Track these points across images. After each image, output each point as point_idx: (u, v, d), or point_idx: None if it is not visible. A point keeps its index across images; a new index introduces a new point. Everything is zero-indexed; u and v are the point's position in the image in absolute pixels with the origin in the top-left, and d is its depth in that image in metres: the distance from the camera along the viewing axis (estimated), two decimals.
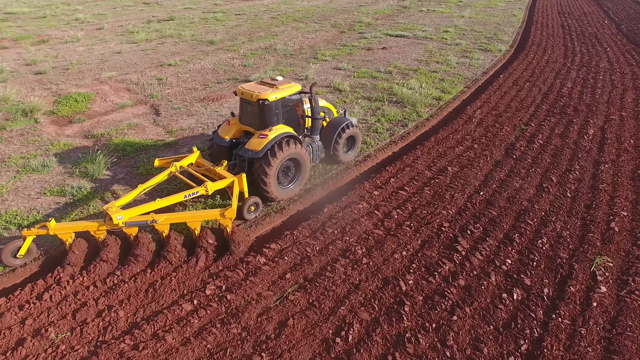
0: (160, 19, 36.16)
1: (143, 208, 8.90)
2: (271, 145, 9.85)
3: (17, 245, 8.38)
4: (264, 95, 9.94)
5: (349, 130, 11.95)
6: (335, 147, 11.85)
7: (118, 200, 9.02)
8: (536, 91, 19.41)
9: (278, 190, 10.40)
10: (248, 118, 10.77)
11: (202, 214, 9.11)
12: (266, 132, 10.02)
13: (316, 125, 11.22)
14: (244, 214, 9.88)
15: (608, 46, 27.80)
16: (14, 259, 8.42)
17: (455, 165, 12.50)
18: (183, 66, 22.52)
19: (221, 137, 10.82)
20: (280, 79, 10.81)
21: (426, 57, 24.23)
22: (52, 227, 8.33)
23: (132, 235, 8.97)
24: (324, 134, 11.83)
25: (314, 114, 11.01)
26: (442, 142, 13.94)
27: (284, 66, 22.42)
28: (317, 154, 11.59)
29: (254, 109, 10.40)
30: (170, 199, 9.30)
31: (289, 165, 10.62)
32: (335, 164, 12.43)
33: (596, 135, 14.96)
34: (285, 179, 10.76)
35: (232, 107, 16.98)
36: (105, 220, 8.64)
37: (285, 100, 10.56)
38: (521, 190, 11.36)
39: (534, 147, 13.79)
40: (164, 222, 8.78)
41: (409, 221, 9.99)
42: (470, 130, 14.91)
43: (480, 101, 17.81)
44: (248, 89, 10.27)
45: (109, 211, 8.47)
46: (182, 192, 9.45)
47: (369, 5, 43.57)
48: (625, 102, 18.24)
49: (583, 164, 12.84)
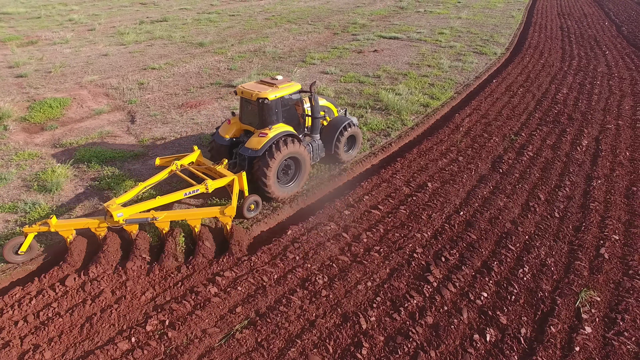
0: (153, 20, 35.34)
1: (143, 205, 8.85)
2: (271, 144, 9.78)
3: (19, 241, 8.36)
4: (263, 94, 9.87)
5: (349, 129, 11.86)
6: (337, 147, 11.73)
7: (119, 198, 8.98)
8: (530, 97, 18.36)
9: (278, 189, 10.31)
10: (248, 117, 10.70)
11: (202, 211, 9.03)
12: (266, 131, 9.94)
13: (316, 124, 11.14)
14: (243, 213, 9.76)
15: (607, 49, 26.62)
16: (16, 255, 8.41)
17: (437, 181, 11.53)
18: (167, 70, 21.65)
19: (221, 136, 10.74)
20: (280, 78, 10.65)
21: (418, 61, 23.20)
22: (54, 224, 8.29)
23: (133, 233, 8.85)
24: (325, 133, 11.73)
25: (314, 113, 10.92)
26: (424, 154, 12.95)
27: (270, 70, 21.48)
28: (317, 153, 11.46)
29: (253, 108, 10.32)
30: (170, 196, 9.22)
31: (289, 164, 10.54)
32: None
33: (590, 146, 13.92)
34: (285, 178, 10.68)
35: (210, 115, 16.10)
36: (105, 218, 8.56)
37: (285, 99, 10.47)
38: (505, 209, 10.38)
39: (522, 160, 12.78)
40: (164, 219, 8.76)
41: (379, 246, 9.04)
42: (456, 141, 13.92)
43: (469, 108, 16.79)
44: (248, 88, 10.21)
45: (110, 208, 8.41)
46: (183, 190, 9.39)
47: (365, 6, 42.49)
48: (623, 109, 17.15)
49: (574, 179, 11.82)
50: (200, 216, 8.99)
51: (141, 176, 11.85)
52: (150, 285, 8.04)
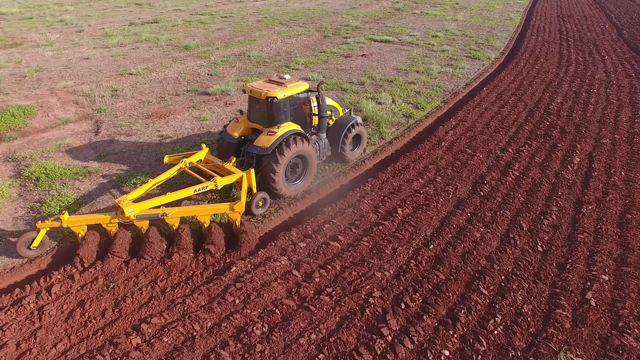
0: (144, 22, 34.17)
1: (154, 202, 8.79)
2: (280, 142, 9.74)
3: (31, 237, 8.39)
4: (272, 93, 9.81)
5: (355, 128, 11.80)
6: (343, 146, 11.71)
7: (129, 194, 8.88)
8: (521, 107, 16.97)
9: (286, 187, 10.26)
10: (256, 116, 10.61)
11: (211, 207, 9.03)
12: (275, 130, 9.89)
13: (323, 123, 11.13)
14: (252, 209, 9.73)
15: (606, 54, 25.08)
16: (28, 250, 8.44)
17: (408, 206, 10.24)
18: (145, 75, 20.45)
19: (230, 134, 10.66)
20: (288, 78, 10.56)
21: (407, 66, 21.83)
22: (66, 219, 8.27)
23: (143, 229, 8.82)
24: (331, 132, 11.71)
25: (321, 112, 10.90)
26: (399, 174, 11.65)
27: (251, 76, 20.24)
28: (323, 151, 11.45)
29: (262, 106, 10.24)
30: (180, 193, 9.19)
31: (297, 162, 10.50)
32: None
33: (582, 164, 12.55)
34: (293, 176, 10.62)
35: (177, 126, 14.89)
36: (117, 213, 8.53)
37: (293, 99, 10.41)
38: (482, 242, 9.08)
39: (507, 181, 11.45)
40: (175, 215, 8.72)
41: (332, 287, 7.80)
42: (436, 158, 12.60)
43: (455, 119, 15.44)
44: (257, 87, 10.13)
45: (121, 204, 8.37)
46: (192, 187, 9.33)
47: (361, 7, 41.05)
48: (620, 121, 15.73)
49: (562, 205, 10.49)
50: (210, 212, 8.95)
51: (89, 198, 10.70)
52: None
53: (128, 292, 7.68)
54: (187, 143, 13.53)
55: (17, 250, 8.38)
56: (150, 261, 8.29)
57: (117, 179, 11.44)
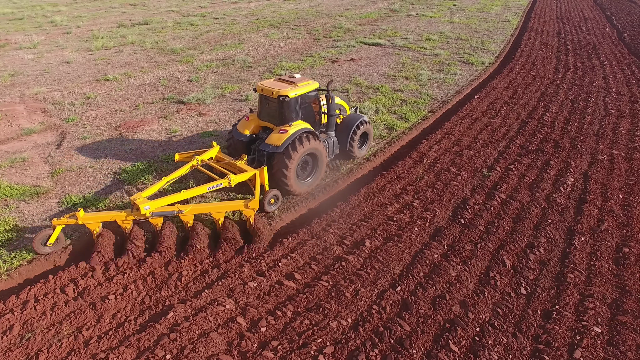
0: (135, 23, 32.99)
1: (169, 199, 8.73)
2: (291, 140, 9.73)
3: (47, 234, 8.36)
4: (284, 92, 9.80)
5: (363, 126, 11.81)
6: (351, 143, 11.72)
7: (144, 192, 8.81)
8: (513, 118, 15.69)
9: (297, 184, 10.25)
10: (267, 114, 10.58)
11: (226, 205, 9.02)
12: (286, 128, 9.90)
13: (332, 121, 11.15)
14: (264, 207, 9.67)
15: (606, 59, 23.68)
16: (44, 247, 8.41)
17: (379, 237, 9.03)
18: (123, 81, 19.29)
19: (240, 132, 10.62)
20: (298, 77, 10.49)
21: (396, 72, 20.56)
22: (81, 216, 8.24)
23: (158, 226, 8.81)
24: (340, 130, 11.72)
25: (330, 111, 10.90)
26: (373, 197, 10.44)
27: (232, 82, 19.06)
28: (332, 149, 11.43)
29: (273, 105, 10.21)
30: (194, 190, 9.17)
31: (307, 160, 10.49)
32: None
33: (576, 185, 11.30)
34: (303, 173, 10.59)
35: (145, 139, 13.73)
36: (132, 211, 8.49)
37: (304, 97, 10.38)
38: (457, 283, 7.88)
39: (492, 206, 10.22)
40: (190, 212, 8.71)
41: (279, 339, 6.62)
42: (416, 177, 11.38)
43: (441, 132, 14.19)
44: (268, 86, 10.10)
45: (137, 201, 8.33)
46: (206, 184, 9.27)
47: (356, 8, 39.69)
48: (619, 134, 14.43)
49: (552, 235, 9.26)
50: (224, 209, 8.97)
51: (33, 221, 9.60)
52: None
53: None
54: (149, 159, 12.38)
55: (34, 247, 8.32)
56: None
57: (67, 202, 10.31)
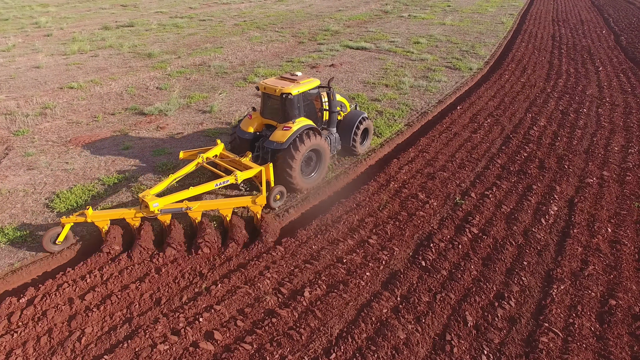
0: (120, 25, 31.55)
1: (177, 196, 8.69)
2: (295, 137, 9.68)
3: (57, 232, 8.27)
4: (287, 90, 9.74)
5: (364, 123, 11.82)
6: (354, 139, 11.70)
7: (153, 189, 8.77)
8: (497, 132, 14.13)
9: (302, 180, 10.19)
10: (270, 112, 10.51)
11: (234, 201, 9.04)
12: (290, 125, 9.85)
13: (333, 118, 11.14)
14: (270, 203, 9.58)
15: (601, 64, 21.97)
16: (54, 245, 8.31)
17: (322, 284, 7.57)
18: (88, 89, 17.87)
19: (244, 130, 10.54)
20: (299, 74, 10.44)
21: (377, 78, 19.01)
22: (90, 214, 8.19)
23: (166, 223, 8.76)
24: (342, 127, 11.72)
25: (331, 108, 10.89)
26: (324, 231, 8.96)
27: (202, 90, 17.61)
28: (334, 145, 11.41)
29: (276, 102, 10.18)
30: (202, 187, 9.05)
31: (311, 157, 10.45)
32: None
33: (560, 216, 9.77)
34: (307, 169, 10.53)
35: (90, 158, 12.32)
36: (141, 208, 8.46)
37: (306, 94, 10.33)
38: (405, 348, 6.40)
39: (460, 243, 8.73)
40: (198, 209, 8.69)
41: None
42: (378, 206, 9.90)
43: (415, 149, 12.68)
44: (271, 84, 10.06)
45: (146, 198, 8.28)
46: (213, 181, 9.24)
47: (347, 10, 37.99)
48: (611, 152, 12.86)
49: (526, 282, 7.77)
50: (232, 205, 8.93)
51: None
52: None
53: None
54: (90, 180, 10.98)
55: (43, 245, 8.20)
56: None
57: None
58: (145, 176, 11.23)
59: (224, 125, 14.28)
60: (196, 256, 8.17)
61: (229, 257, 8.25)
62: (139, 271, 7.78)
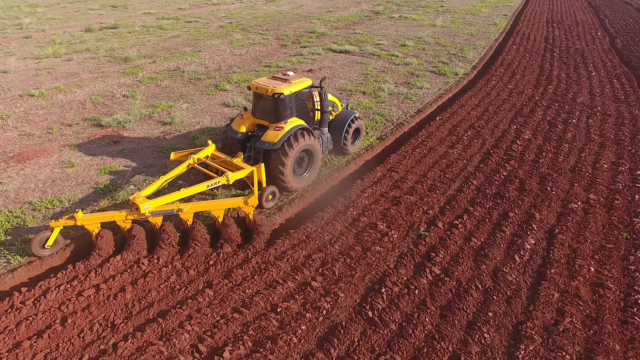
0: (103, 27, 30.25)
1: (168, 198, 8.43)
2: (287, 137, 9.48)
3: (46, 236, 7.92)
4: (279, 90, 9.54)
5: (355, 122, 11.63)
6: (345, 139, 11.51)
7: (143, 191, 8.53)
8: (476, 147, 12.76)
9: (294, 180, 9.98)
10: (261, 112, 10.27)
11: (226, 202, 8.77)
12: (282, 125, 9.65)
13: (325, 118, 10.97)
14: (262, 203, 9.36)
15: (594, 69, 20.46)
16: (42, 249, 7.94)
17: (246, 341, 6.27)
18: (50, 97, 16.62)
19: (235, 131, 10.27)
20: (291, 74, 10.23)
21: (355, 85, 17.64)
22: (80, 218, 7.91)
23: (157, 225, 8.45)
24: (333, 126, 11.51)
25: (323, 108, 10.72)
26: (263, 271, 7.65)
27: (169, 99, 16.32)
28: (326, 145, 11.20)
29: (267, 102, 9.96)
30: (193, 188, 8.84)
31: (302, 157, 10.23)
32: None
33: (536, 251, 8.43)
34: (299, 169, 10.30)
35: (30, 178, 11.06)
36: (131, 210, 8.20)
37: (298, 94, 10.14)
38: None
39: (417, 288, 7.41)
40: (189, 210, 8.44)
41: None
42: (330, 239, 8.58)
43: (384, 168, 11.34)
44: (262, 84, 9.83)
45: (136, 201, 8.07)
46: (205, 182, 9.02)
47: (338, 11, 36.47)
48: (599, 170, 11.47)
49: (488, 341, 6.45)
50: (224, 207, 8.69)
51: None
52: None
53: None
54: (18, 204, 9.74)
55: (32, 250, 7.83)
56: None
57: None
58: (82, 200, 9.97)
59: (182, 139, 12.99)
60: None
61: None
62: None
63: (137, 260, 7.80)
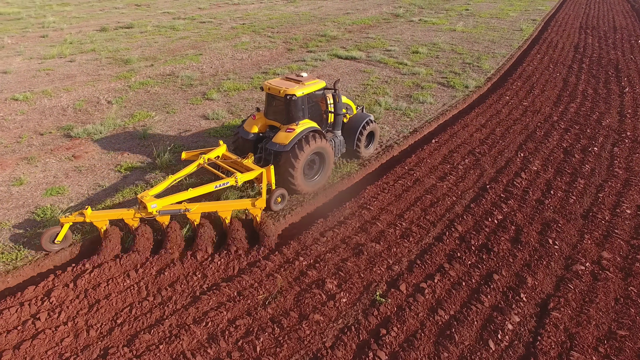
0: (119, 26, 29.66)
1: (176, 197, 8.24)
2: (298, 139, 9.17)
3: (55, 231, 7.93)
4: (291, 91, 9.22)
5: (370, 126, 11.16)
6: (358, 142, 11.04)
7: (151, 190, 8.38)
8: (471, 180, 10.69)
9: (304, 183, 9.63)
10: (273, 113, 9.95)
11: (233, 203, 8.56)
12: (293, 127, 9.34)
13: (338, 120, 10.61)
14: (271, 205, 9.01)
15: (629, 84, 17.59)
16: (52, 244, 7.96)
17: None
18: (33, 101, 15.75)
19: (247, 131, 9.99)
20: (305, 75, 9.81)
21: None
22: (89, 214, 7.85)
23: (165, 224, 8.27)
24: (347, 129, 11.05)
25: (336, 110, 10.29)
26: (169, 340, 6.12)
27: (152, 107, 15.09)
28: (339, 148, 10.82)
29: (280, 104, 9.60)
30: (202, 188, 8.54)
31: (314, 159, 9.85)
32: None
33: (519, 337, 6.42)
34: (310, 172, 9.92)
35: None
36: (139, 208, 8.06)
37: (311, 96, 9.75)
38: None
39: None
40: (196, 211, 8.22)
41: None
42: (264, 299, 6.93)
43: (355, 203, 9.52)
44: (275, 85, 9.50)
45: (144, 199, 7.94)
46: (213, 183, 8.70)
47: (356, 13, 34.32)
48: (620, 217, 9.18)
49: None
50: (231, 208, 8.44)
51: None
52: None
53: None
54: None
55: (42, 245, 7.85)
56: None
57: None
58: (17, 228, 8.78)
59: (145, 156, 11.65)
60: None
61: None
62: None
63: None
